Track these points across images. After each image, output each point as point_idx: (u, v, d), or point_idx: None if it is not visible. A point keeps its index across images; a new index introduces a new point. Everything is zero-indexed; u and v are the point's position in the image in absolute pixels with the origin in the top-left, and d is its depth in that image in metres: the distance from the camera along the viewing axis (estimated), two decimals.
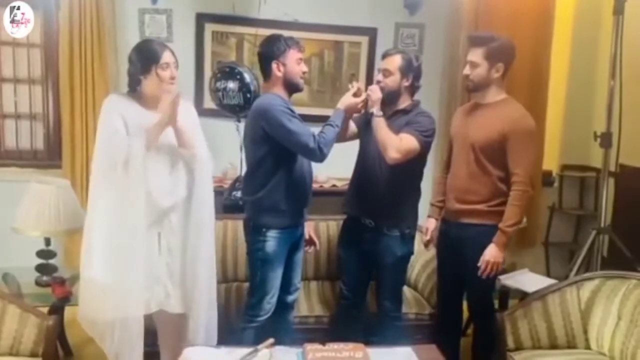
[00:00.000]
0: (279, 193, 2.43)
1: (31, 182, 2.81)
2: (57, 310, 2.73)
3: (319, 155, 2.33)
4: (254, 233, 2.50)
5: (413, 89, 2.61)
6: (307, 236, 2.72)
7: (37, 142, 3.90)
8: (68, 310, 2.90)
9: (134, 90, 2.35)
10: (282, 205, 2.45)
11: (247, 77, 3.36)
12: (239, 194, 3.45)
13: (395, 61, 2.54)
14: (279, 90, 2.45)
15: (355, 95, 2.48)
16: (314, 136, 2.33)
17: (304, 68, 2.48)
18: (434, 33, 4.10)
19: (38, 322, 2.28)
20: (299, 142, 2.32)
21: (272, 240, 2.47)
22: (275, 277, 2.52)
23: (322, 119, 2.65)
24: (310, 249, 2.80)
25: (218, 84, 3.38)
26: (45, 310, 2.62)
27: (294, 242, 2.59)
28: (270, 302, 2.53)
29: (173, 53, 2.36)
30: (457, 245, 2.59)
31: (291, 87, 2.47)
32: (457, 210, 2.62)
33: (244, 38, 3.93)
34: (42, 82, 3.84)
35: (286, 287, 2.63)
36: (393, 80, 2.55)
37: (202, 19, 3.87)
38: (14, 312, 2.27)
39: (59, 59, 3.67)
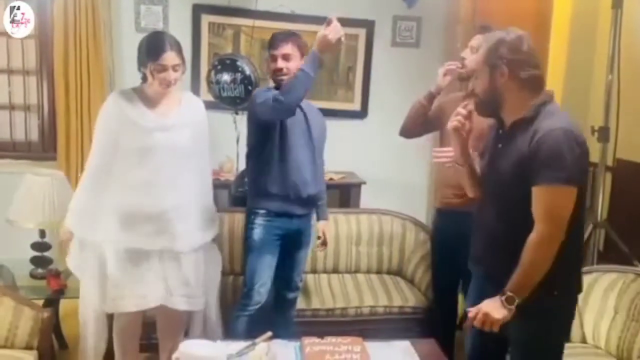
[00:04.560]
0: (269, 176, 2.48)
1: (26, 174, 2.78)
2: (52, 302, 2.71)
3: (278, 105, 2.29)
4: (246, 220, 2.56)
5: None
6: (319, 234, 2.72)
7: (32, 133, 3.85)
8: (63, 303, 2.89)
9: (144, 81, 2.32)
10: (272, 189, 2.48)
11: (248, 69, 3.33)
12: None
13: None
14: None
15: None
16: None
17: (275, 65, 2.47)
18: (431, 26, 4.08)
19: (33, 314, 2.27)
20: (262, 107, 2.37)
21: (258, 228, 2.50)
22: (263, 267, 2.52)
23: None
24: (322, 249, 2.80)
25: (218, 76, 3.34)
26: (40, 302, 2.60)
27: (289, 236, 2.57)
28: (259, 293, 2.53)
29: (179, 54, 2.25)
30: (458, 237, 2.55)
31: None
32: (458, 202, 2.57)
33: (240, 30, 3.89)
34: (37, 73, 3.79)
35: (286, 284, 2.66)
36: None
37: (198, 10, 3.83)
38: (8, 305, 2.25)
39: (54, 50, 3.63)
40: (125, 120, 2.25)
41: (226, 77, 3.31)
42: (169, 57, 2.21)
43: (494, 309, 1.71)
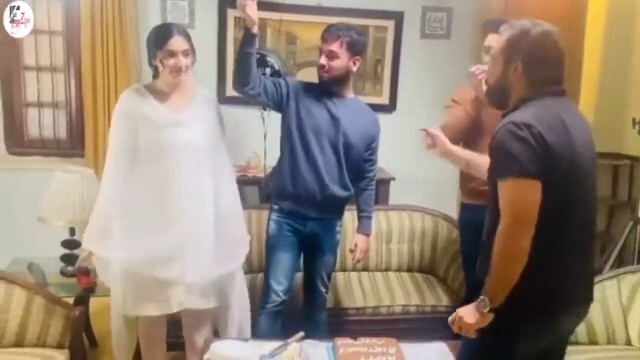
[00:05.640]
0: (285, 173, 2.45)
1: (56, 171, 2.78)
2: (82, 301, 2.70)
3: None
4: None
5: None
6: (352, 247, 2.62)
7: (61, 131, 3.87)
8: (93, 301, 2.89)
9: (156, 77, 2.28)
10: (286, 187, 2.45)
11: (277, 64, 3.27)
12: None
13: None
14: None
15: None
16: None
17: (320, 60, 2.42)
18: (462, 17, 3.98)
19: (64, 313, 2.27)
20: None
21: (273, 223, 2.51)
22: (277, 264, 2.49)
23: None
24: (355, 262, 2.70)
25: None
26: (71, 300, 2.60)
27: (306, 239, 2.51)
28: (276, 292, 2.48)
29: (188, 41, 2.19)
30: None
31: None
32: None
33: (267, 24, 3.84)
34: (65, 70, 3.80)
35: (309, 289, 2.61)
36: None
37: (224, 5, 3.79)
38: (40, 304, 2.25)
39: (81, 47, 3.63)
40: (140, 117, 2.20)
41: None
42: (177, 42, 2.16)
43: (467, 313, 1.63)
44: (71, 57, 3.78)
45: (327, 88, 2.45)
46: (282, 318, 2.53)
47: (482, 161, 1.95)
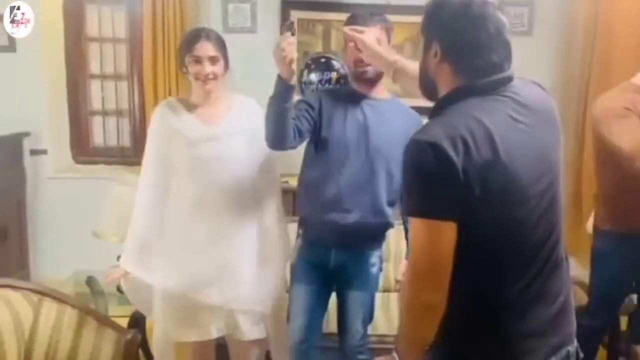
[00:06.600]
0: (306, 195, 2.15)
1: (112, 184, 2.70)
2: (138, 320, 2.61)
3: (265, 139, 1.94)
4: None
5: None
6: (399, 276, 2.32)
7: (124, 138, 3.86)
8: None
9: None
10: (306, 211, 2.15)
11: (343, 68, 3.08)
12: None
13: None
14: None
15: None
16: None
17: (356, 55, 1.98)
18: (546, 12, 3.62)
19: (116, 336, 2.14)
20: None
21: (296, 250, 2.20)
22: (295, 297, 2.18)
23: (416, 110, 2.26)
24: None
25: (312, 76, 3.11)
26: (127, 315, 2.53)
27: (333, 272, 2.16)
28: (292, 329, 2.15)
29: (218, 47, 2.02)
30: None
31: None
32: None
33: (331, 25, 3.65)
34: (128, 77, 3.78)
35: (343, 328, 2.23)
36: None
37: (287, 7, 3.62)
38: (91, 325, 2.14)
39: (143, 54, 3.59)
40: (172, 133, 2.06)
41: (322, 76, 3.07)
42: (203, 47, 1.99)
43: None
44: (134, 63, 3.75)
45: (356, 92, 2.10)
46: (312, 356, 2.18)
47: (412, 68, 1.60)
